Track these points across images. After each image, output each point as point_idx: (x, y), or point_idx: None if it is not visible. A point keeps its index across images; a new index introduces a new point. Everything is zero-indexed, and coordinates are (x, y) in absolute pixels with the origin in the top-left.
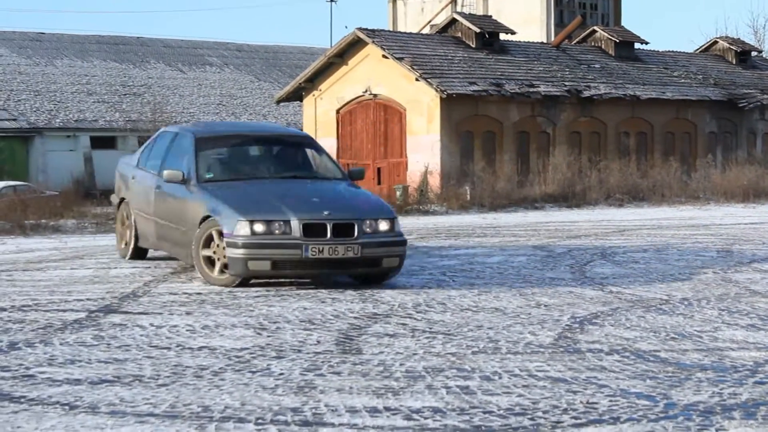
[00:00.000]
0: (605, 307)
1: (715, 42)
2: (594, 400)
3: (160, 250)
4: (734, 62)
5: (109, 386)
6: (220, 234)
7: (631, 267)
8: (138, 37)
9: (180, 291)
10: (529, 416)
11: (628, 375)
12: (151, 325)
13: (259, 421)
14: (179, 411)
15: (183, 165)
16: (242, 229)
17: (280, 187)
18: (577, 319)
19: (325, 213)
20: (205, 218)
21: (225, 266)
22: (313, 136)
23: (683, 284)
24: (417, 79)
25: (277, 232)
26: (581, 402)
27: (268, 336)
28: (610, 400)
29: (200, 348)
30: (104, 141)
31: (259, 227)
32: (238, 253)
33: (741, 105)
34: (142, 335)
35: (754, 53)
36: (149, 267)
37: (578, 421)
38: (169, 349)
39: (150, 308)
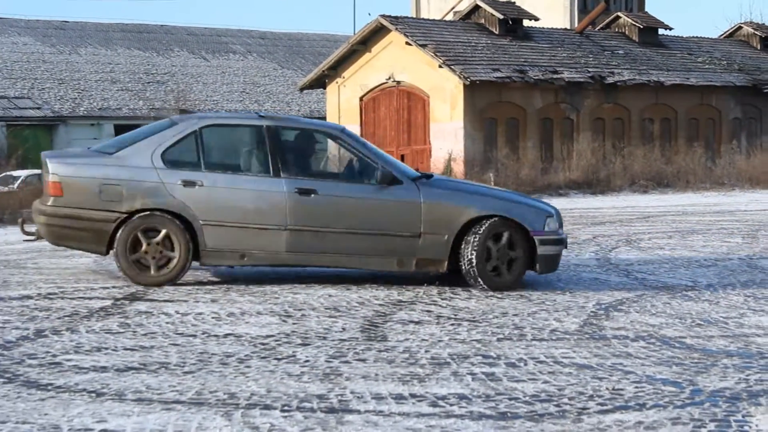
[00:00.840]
0: (630, 293)
1: (740, 27)
2: (620, 386)
3: (281, 264)
4: (759, 48)
5: (135, 373)
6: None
7: (656, 253)
8: (162, 25)
9: (205, 278)
10: (555, 403)
11: (653, 361)
12: (177, 312)
13: (285, 408)
14: (205, 398)
15: (370, 166)
16: (553, 225)
17: (458, 182)
18: (603, 306)
19: None
20: (480, 219)
21: (508, 267)
22: (337, 124)
23: (708, 270)
24: (440, 66)
25: (559, 227)
26: (607, 388)
27: (294, 323)
28: (636, 387)
29: (226, 335)
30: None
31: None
32: (555, 250)
33: (765, 90)
34: (167, 323)
35: None
36: None
37: (604, 408)
38: (194, 336)
39: (175, 296)
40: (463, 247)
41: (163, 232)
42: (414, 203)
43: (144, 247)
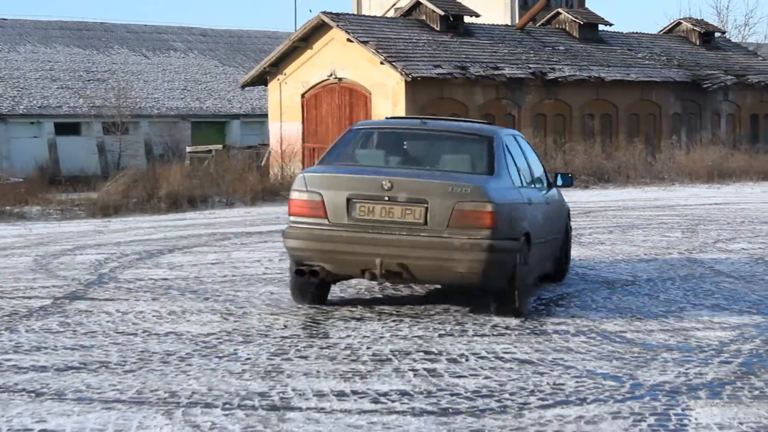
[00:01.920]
0: (571, 288)
1: (679, 23)
2: (560, 381)
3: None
4: (698, 43)
5: (75, 373)
6: None
7: (597, 248)
8: (101, 23)
9: (146, 277)
10: (496, 398)
11: (594, 356)
12: (118, 311)
13: (227, 406)
14: (146, 397)
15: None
16: None
17: None
18: (543, 301)
19: None
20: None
21: None
22: (279, 121)
23: (648, 265)
24: (382, 63)
25: None
26: (548, 383)
27: (235, 321)
28: (577, 381)
29: (167, 334)
30: (68, 127)
31: None
32: None
33: (705, 86)
34: (108, 321)
35: (717, 34)
36: (115, 253)
37: (545, 403)
38: (135, 335)
39: (116, 294)
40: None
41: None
42: (557, 202)
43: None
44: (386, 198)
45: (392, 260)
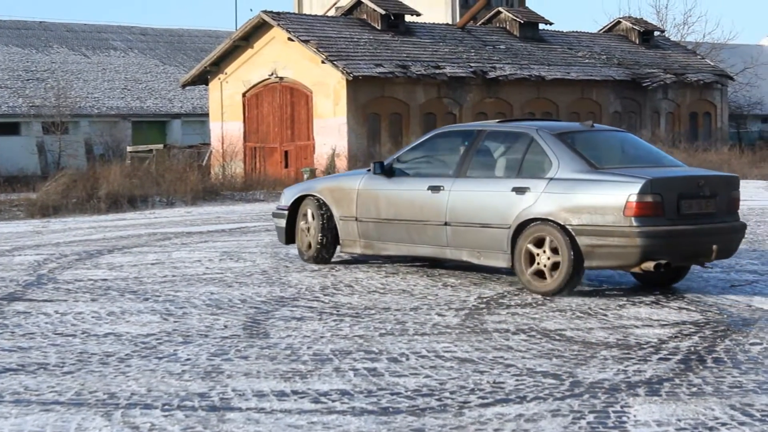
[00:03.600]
0: (512, 287)
1: (619, 22)
2: (500, 379)
3: None
4: (637, 42)
5: (13, 375)
6: None
7: None
8: (40, 22)
9: (85, 277)
10: (437, 397)
11: (534, 354)
12: (56, 312)
13: (166, 407)
14: (85, 398)
15: None
16: None
17: None
18: (484, 300)
19: None
20: None
21: None
22: (220, 120)
23: None
24: (323, 62)
25: None
26: (488, 382)
27: (175, 321)
28: (517, 380)
29: (106, 335)
30: (7, 127)
31: None
32: None
33: (645, 84)
34: (47, 323)
35: (656, 33)
36: (54, 253)
37: (485, 401)
38: (74, 336)
39: (55, 295)
40: None
41: None
42: None
43: None
44: (700, 194)
45: (722, 246)
